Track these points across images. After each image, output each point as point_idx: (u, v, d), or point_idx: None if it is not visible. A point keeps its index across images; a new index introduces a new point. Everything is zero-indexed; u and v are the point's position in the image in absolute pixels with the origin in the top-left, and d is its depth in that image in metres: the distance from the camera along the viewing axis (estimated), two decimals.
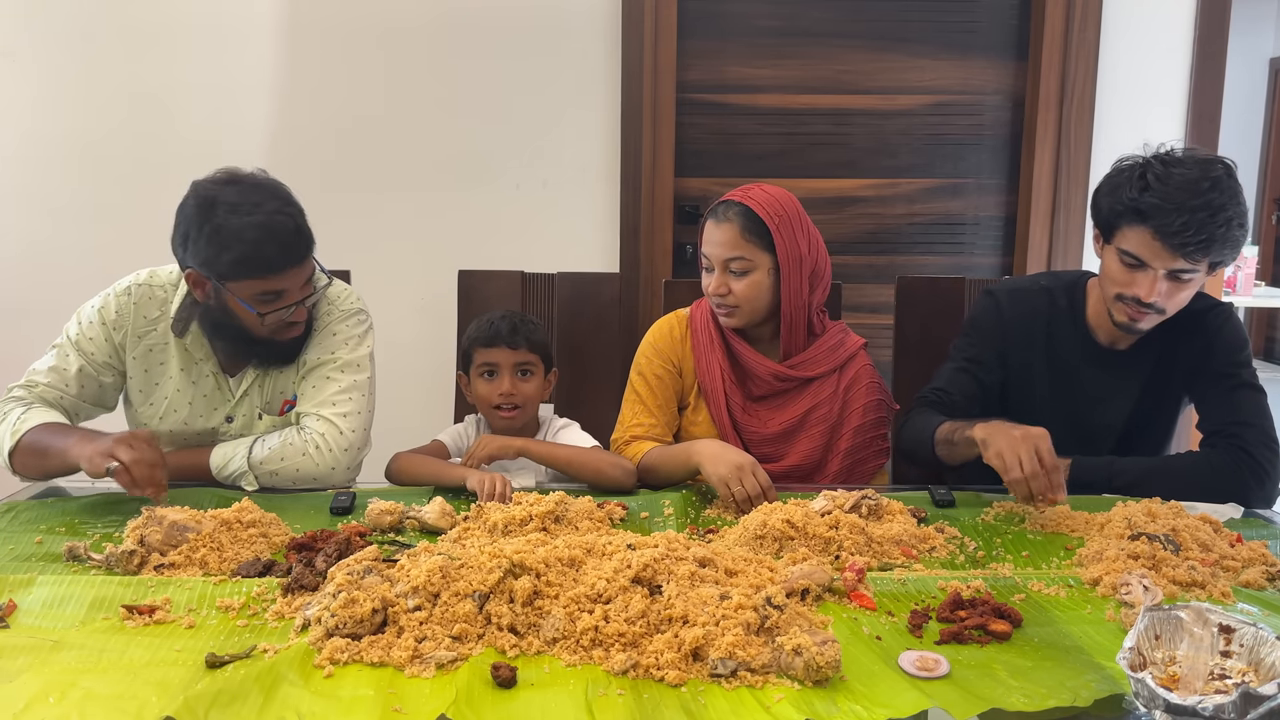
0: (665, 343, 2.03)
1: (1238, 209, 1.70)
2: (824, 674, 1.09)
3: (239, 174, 1.75)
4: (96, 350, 1.82)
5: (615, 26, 2.83)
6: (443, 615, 1.19)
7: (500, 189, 2.91)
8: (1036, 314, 1.94)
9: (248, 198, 1.71)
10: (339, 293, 1.94)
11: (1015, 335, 1.94)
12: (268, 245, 1.69)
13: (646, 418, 1.98)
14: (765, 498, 1.67)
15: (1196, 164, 1.71)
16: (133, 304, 1.84)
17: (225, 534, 1.47)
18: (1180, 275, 1.72)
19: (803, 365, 1.97)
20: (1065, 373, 1.91)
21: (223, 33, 2.82)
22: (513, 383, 1.94)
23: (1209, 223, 1.67)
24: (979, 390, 1.94)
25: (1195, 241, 1.67)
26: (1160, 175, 1.71)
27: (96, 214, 2.87)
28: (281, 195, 1.75)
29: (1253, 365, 1.87)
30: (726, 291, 1.92)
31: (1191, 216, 1.66)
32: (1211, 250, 1.69)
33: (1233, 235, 1.70)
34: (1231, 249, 1.72)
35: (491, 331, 1.95)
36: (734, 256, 1.90)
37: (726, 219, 1.91)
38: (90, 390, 1.83)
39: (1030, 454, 1.59)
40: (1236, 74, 3.28)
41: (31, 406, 1.76)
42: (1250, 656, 1.06)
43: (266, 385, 1.89)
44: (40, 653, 1.14)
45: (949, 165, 3.02)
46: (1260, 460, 1.75)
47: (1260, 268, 6.29)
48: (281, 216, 1.71)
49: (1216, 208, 1.67)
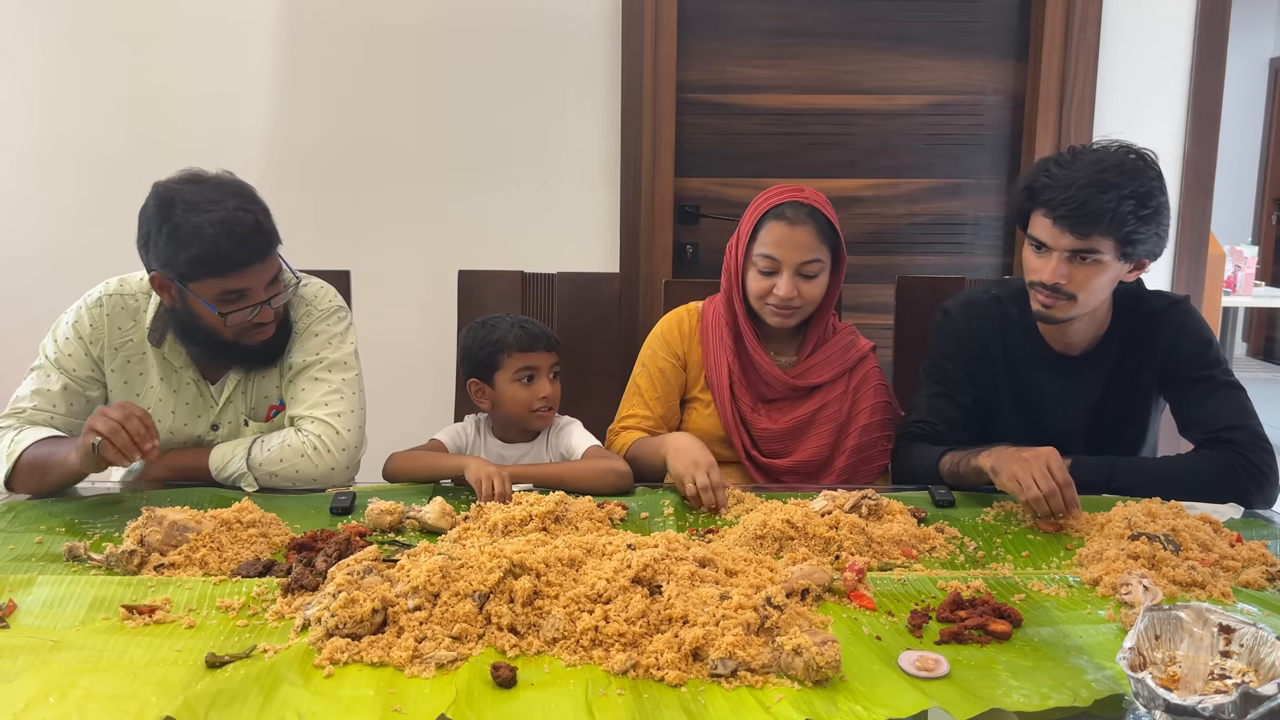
0: (673, 335, 2.04)
1: (1137, 187, 1.68)
2: (824, 674, 1.09)
3: (201, 174, 1.73)
4: (77, 366, 1.79)
5: (615, 26, 2.83)
6: (443, 615, 1.19)
7: (500, 189, 2.91)
8: (990, 324, 1.93)
9: (206, 195, 1.68)
10: (316, 292, 1.91)
11: (974, 348, 1.93)
12: (225, 242, 1.65)
13: (642, 409, 1.99)
14: (712, 495, 1.66)
15: (1110, 152, 1.72)
16: (105, 315, 1.81)
17: (225, 534, 1.47)
18: (1081, 256, 1.71)
19: (812, 371, 1.98)
20: (1021, 380, 1.91)
21: (223, 33, 2.82)
22: (551, 385, 1.94)
23: (1098, 197, 1.66)
24: (960, 414, 1.92)
25: (1080, 216, 1.67)
26: (1062, 160, 1.73)
27: (96, 214, 2.87)
28: (244, 194, 1.72)
29: (1224, 361, 1.85)
30: (795, 294, 1.90)
31: (1079, 191, 1.67)
32: (1101, 225, 1.67)
33: (1127, 212, 1.67)
34: (1135, 228, 1.69)
35: (529, 336, 1.93)
36: (812, 259, 1.90)
37: (800, 221, 1.89)
38: (78, 406, 1.80)
39: (1044, 473, 1.60)
40: (1236, 74, 3.29)
41: (23, 429, 1.73)
42: (1250, 656, 1.06)
43: (250, 391, 1.87)
44: (40, 653, 1.14)
45: (949, 165, 3.02)
46: (1257, 464, 1.73)
47: (1260, 268, 6.29)
48: (241, 213, 1.67)
49: (1108, 185, 1.67)
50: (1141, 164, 1.71)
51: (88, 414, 1.80)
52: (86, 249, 2.84)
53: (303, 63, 2.84)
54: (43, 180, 2.87)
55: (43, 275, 2.86)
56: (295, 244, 1.98)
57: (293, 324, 1.87)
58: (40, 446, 1.69)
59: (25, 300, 2.85)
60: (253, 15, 2.82)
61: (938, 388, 1.95)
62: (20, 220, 2.89)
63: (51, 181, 2.87)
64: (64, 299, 1.98)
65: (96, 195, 2.86)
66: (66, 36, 2.82)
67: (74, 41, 2.82)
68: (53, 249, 2.88)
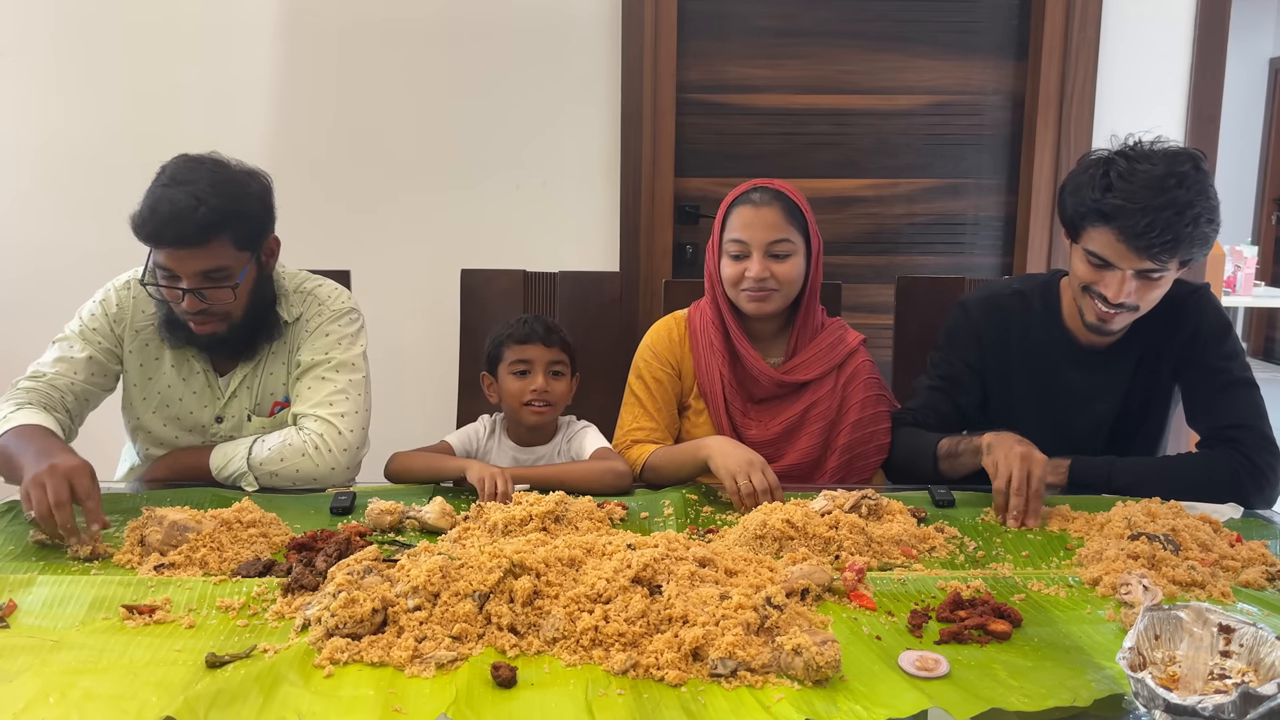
0: (664, 345, 2.02)
1: (1206, 204, 1.65)
2: (824, 674, 1.09)
3: (211, 155, 1.76)
4: (103, 339, 1.84)
5: (615, 26, 2.83)
6: (443, 615, 1.19)
7: (500, 189, 2.91)
8: (1010, 320, 1.91)
9: (181, 171, 1.72)
10: (330, 292, 1.94)
11: (989, 346, 1.91)
12: (156, 216, 1.67)
13: (647, 421, 1.98)
14: (772, 495, 1.67)
15: (1163, 159, 1.66)
16: (132, 298, 1.86)
17: (225, 534, 1.46)
18: (1149, 275, 1.69)
19: (801, 368, 1.97)
20: (1045, 377, 1.89)
21: (223, 33, 2.82)
22: (546, 380, 1.94)
23: (1175, 221, 1.62)
24: (954, 411, 1.92)
25: (1161, 242, 1.63)
26: (1124, 172, 1.66)
27: (96, 214, 2.86)
28: (217, 180, 1.70)
29: (1242, 355, 1.84)
30: (768, 275, 1.91)
31: (1157, 216, 1.61)
32: (1179, 249, 1.65)
33: (1201, 233, 1.65)
34: (1201, 245, 1.67)
35: (526, 329, 1.96)
36: (780, 239, 1.90)
37: (765, 203, 1.91)
38: (98, 377, 1.84)
39: (1022, 472, 1.61)
40: (1236, 74, 3.29)
41: (21, 406, 1.72)
42: (1250, 656, 1.06)
43: (256, 387, 1.89)
44: (40, 653, 1.14)
45: (949, 165, 3.02)
46: (1260, 466, 1.73)
47: (1260, 268, 6.29)
48: (191, 196, 1.66)
49: (1183, 205, 1.62)
50: (1201, 175, 1.66)
51: (105, 388, 1.86)
52: (86, 249, 2.84)
53: (303, 63, 2.84)
54: (43, 180, 2.87)
55: (42, 275, 2.86)
56: (296, 244, 1.99)
57: (284, 327, 1.88)
58: (16, 438, 1.63)
59: (25, 300, 2.85)
60: (253, 15, 2.82)
61: (939, 381, 1.95)
62: (20, 220, 2.89)
63: (51, 181, 2.87)
64: (64, 299, 1.99)
65: (96, 195, 2.86)
66: (67, 36, 2.81)
67: (74, 41, 2.82)
68: (52, 249, 2.87)
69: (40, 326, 1.99)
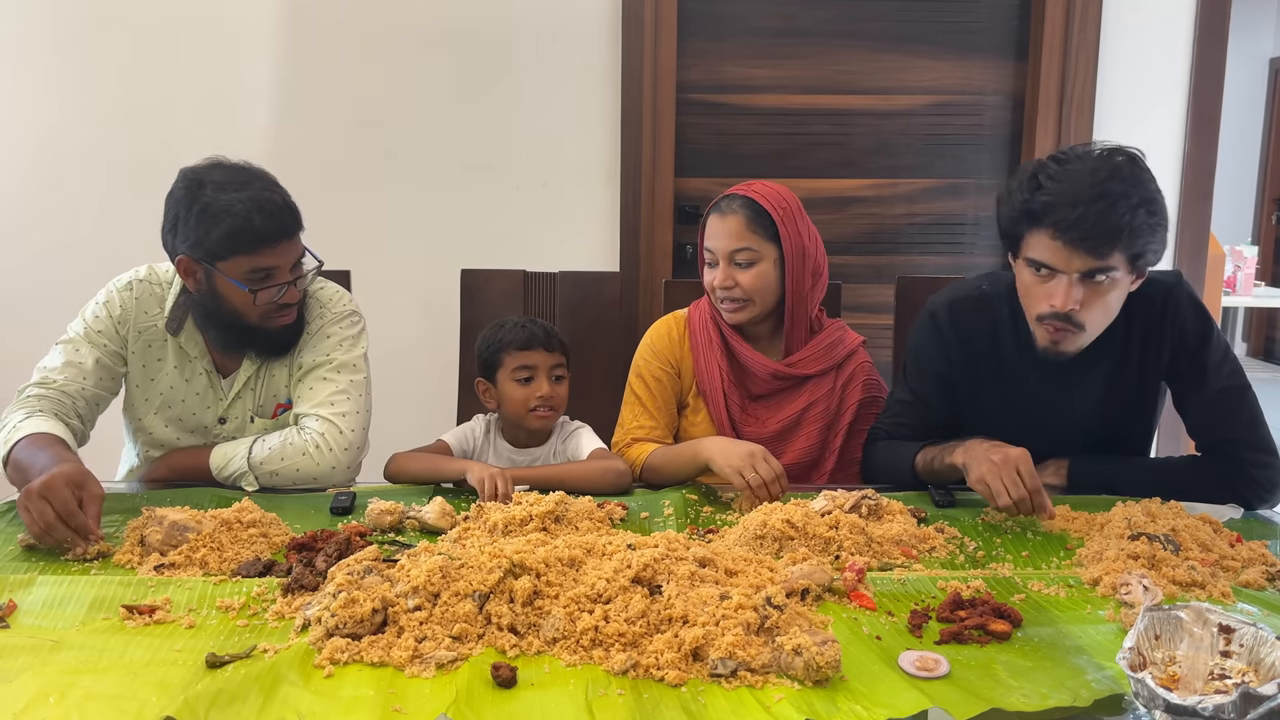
0: (663, 344, 2.03)
1: (1143, 194, 1.58)
2: (824, 674, 1.09)
3: (225, 160, 1.79)
4: (109, 341, 1.84)
5: (615, 26, 2.83)
6: (443, 615, 1.19)
7: (500, 189, 2.91)
8: (978, 325, 1.84)
9: (234, 177, 1.75)
10: (332, 294, 1.95)
11: (958, 353, 1.85)
12: (257, 217, 1.71)
13: (647, 420, 1.98)
14: (779, 483, 1.68)
15: (1095, 156, 1.61)
16: (134, 299, 1.86)
17: (225, 534, 1.46)
18: (1095, 276, 1.61)
19: (801, 363, 1.97)
20: (1015, 382, 1.82)
21: (223, 33, 2.82)
22: (550, 385, 1.94)
23: (1109, 212, 1.55)
24: (927, 423, 1.88)
25: (1098, 233, 1.56)
26: (1053, 173, 1.61)
27: (96, 214, 2.87)
28: (267, 178, 1.79)
29: (1231, 357, 1.79)
30: (733, 284, 1.92)
31: (1088, 208, 1.55)
32: (1119, 241, 1.57)
33: (1141, 223, 1.57)
34: (1148, 239, 1.60)
35: (527, 335, 1.94)
36: (740, 248, 1.90)
37: (731, 211, 1.92)
38: (106, 380, 1.84)
39: (1013, 479, 1.57)
40: (1236, 74, 3.29)
41: (32, 414, 1.72)
42: (1250, 656, 1.06)
43: (259, 388, 1.89)
44: (40, 653, 1.14)
45: (949, 165, 3.02)
46: (1258, 479, 1.72)
47: (1260, 268, 6.29)
48: (269, 193, 1.75)
49: (1117, 195, 1.55)
50: (1136, 167, 1.61)
51: (113, 390, 1.86)
52: (86, 249, 2.84)
53: (303, 63, 2.84)
54: (43, 180, 2.87)
55: (42, 275, 2.86)
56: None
57: (306, 323, 1.89)
58: (28, 446, 1.64)
59: (25, 300, 2.86)
60: (253, 15, 2.82)
61: (909, 395, 1.91)
62: (20, 220, 2.89)
63: (52, 182, 2.87)
64: (64, 299, 1.99)
65: (96, 195, 2.86)
66: (67, 37, 2.82)
67: (74, 42, 2.82)
68: (52, 249, 2.88)
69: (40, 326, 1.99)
